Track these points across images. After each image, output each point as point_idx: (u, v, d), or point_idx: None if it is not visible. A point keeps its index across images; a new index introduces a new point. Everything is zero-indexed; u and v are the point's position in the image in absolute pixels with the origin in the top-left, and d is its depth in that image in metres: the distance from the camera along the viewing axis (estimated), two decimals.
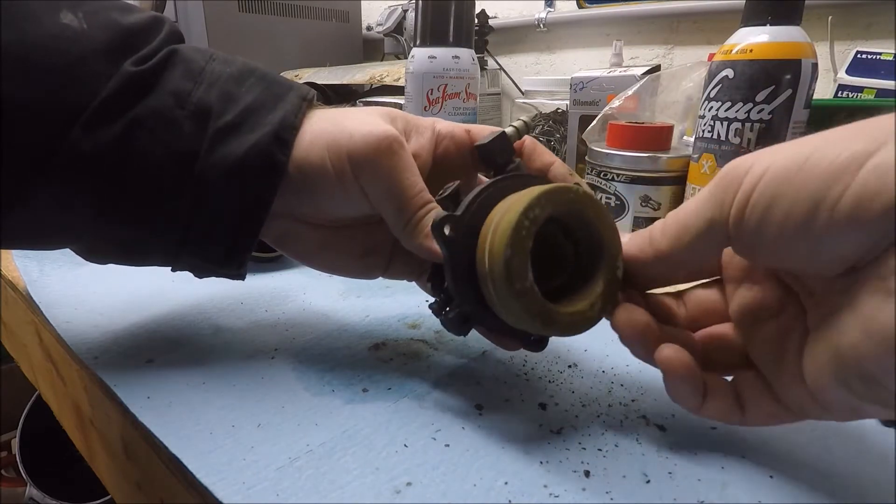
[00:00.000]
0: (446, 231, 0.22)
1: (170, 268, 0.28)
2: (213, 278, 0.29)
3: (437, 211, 0.24)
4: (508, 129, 0.61)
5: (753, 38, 0.38)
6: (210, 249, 0.26)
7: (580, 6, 0.99)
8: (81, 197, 0.24)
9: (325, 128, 0.26)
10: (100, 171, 0.24)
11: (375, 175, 0.24)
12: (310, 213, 0.27)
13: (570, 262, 0.23)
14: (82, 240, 0.27)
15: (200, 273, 0.28)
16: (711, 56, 0.42)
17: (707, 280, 0.23)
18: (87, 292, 0.36)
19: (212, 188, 0.24)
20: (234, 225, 0.26)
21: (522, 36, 1.07)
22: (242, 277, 0.29)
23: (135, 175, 0.24)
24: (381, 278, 0.30)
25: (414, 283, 0.30)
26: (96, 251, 0.27)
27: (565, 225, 0.22)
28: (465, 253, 0.22)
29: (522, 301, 0.20)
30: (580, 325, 0.21)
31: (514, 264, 0.20)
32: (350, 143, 0.24)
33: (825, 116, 0.45)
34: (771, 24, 0.38)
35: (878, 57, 0.60)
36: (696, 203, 0.19)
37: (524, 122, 0.66)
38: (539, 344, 0.25)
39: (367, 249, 0.28)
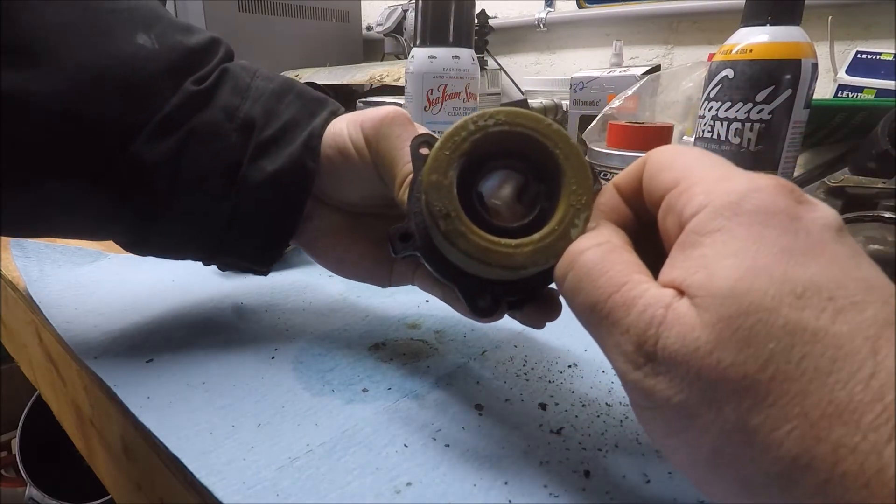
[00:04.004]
0: (422, 150, 0.22)
1: (202, 262, 0.30)
2: (212, 280, 0.30)
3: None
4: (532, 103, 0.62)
5: (753, 38, 0.38)
6: (247, 247, 0.29)
7: (580, 6, 0.99)
8: (136, 198, 0.26)
9: (346, 115, 0.28)
10: (155, 177, 0.26)
11: (383, 140, 0.26)
12: (329, 192, 0.29)
13: (536, 206, 0.20)
14: (129, 234, 0.29)
15: (229, 269, 0.31)
16: (711, 56, 0.42)
17: None
18: (87, 292, 0.36)
19: (252, 194, 0.27)
20: (270, 225, 0.28)
21: (522, 36, 1.07)
22: (266, 273, 0.31)
23: (185, 180, 0.26)
24: None
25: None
26: (139, 244, 0.29)
27: (537, 167, 0.20)
28: None
29: (434, 193, 0.18)
30: (494, 257, 0.18)
31: (441, 158, 0.18)
32: (364, 116, 0.27)
33: (825, 116, 0.45)
34: (771, 24, 0.38)
35: (878, 57, 0.60)
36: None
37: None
38: (486, 311, 0.21)
39: (379, 240, 0.29)
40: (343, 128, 0.27)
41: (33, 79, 0.23)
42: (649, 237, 0.18)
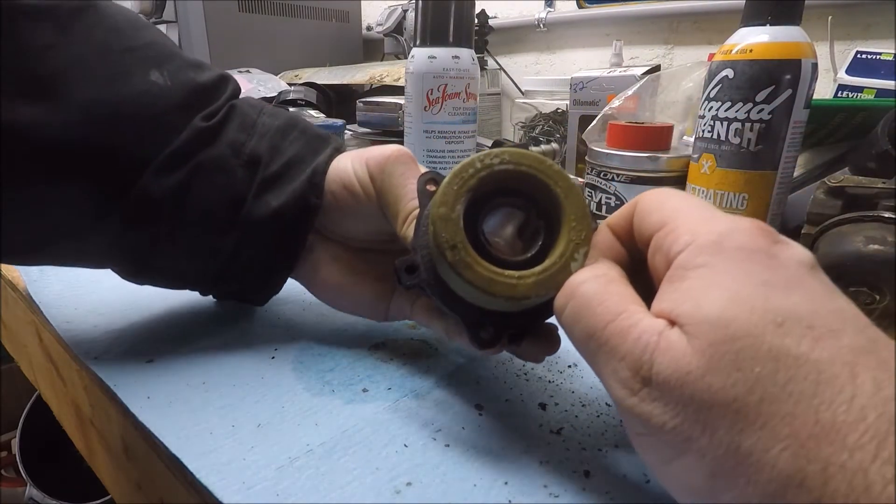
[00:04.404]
0: (429, 187, 0.22)
1: (199, 293, 0.31)
2: None
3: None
4: (534, 148, 0.63)
5: (753, 38, 0.38)
6: (246, 281, 0.29)
7: (580, 6, 0.99)
8: (140, 230, 0.26)
9: (349, 152, 0.29)
10: (161, 210, 0.26)
11: (387, 178, 0.26)
12: (332, 227, 0.29)
13: (537, 241, 0.21)
14: (130, 264, 0.29)
15: (226, 299, 0.31)
16: (711, 56, 0.42)
17: None
18: (87, 292, 0.36)
19: (255, 229, 0.27)
20: (271, 260, 0.29)
21: (522, 36, 1.07)
22: (262, 304, 0.32)
23: (190, 214, 0.27)
24: None
25: None
26: (138, 274, 0.29)
27: (537, 202, 0.21)
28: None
29: (442, 225, 0.19)
30: (498, 287, 0.19)
31: (449, 192, 0.19)
32: (369, 154, 0.27)
33: (825, 116, 0.45)
34: (771, 24, 0.38)
35: (878, 57, 0.60)
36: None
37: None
38: (488, 343, 0.22)
39: (378, 275, 0.30)
40: (348, 165, 0.27)
41: (47, 112, 0.23)
42: (641, 274, 0.19)
